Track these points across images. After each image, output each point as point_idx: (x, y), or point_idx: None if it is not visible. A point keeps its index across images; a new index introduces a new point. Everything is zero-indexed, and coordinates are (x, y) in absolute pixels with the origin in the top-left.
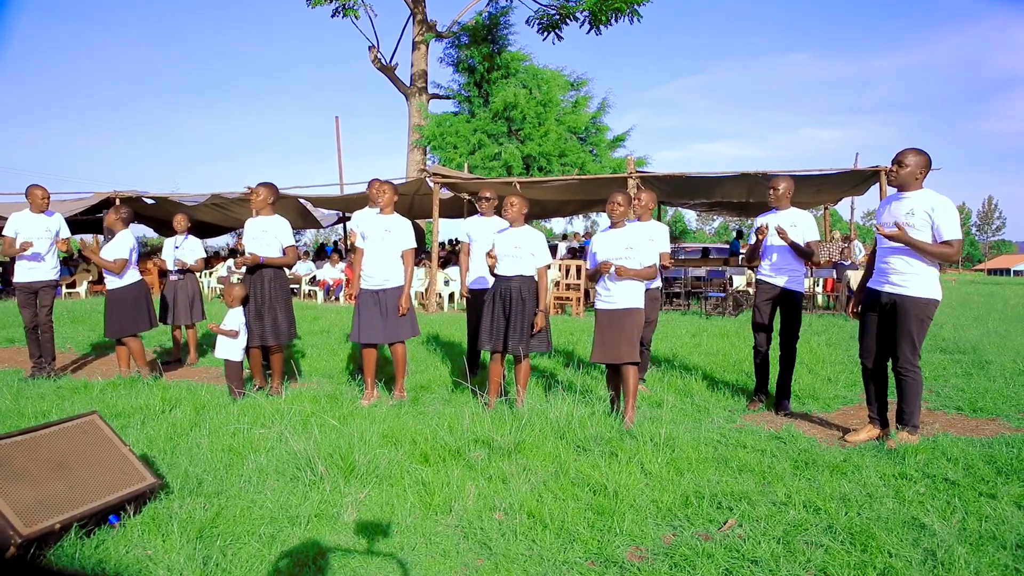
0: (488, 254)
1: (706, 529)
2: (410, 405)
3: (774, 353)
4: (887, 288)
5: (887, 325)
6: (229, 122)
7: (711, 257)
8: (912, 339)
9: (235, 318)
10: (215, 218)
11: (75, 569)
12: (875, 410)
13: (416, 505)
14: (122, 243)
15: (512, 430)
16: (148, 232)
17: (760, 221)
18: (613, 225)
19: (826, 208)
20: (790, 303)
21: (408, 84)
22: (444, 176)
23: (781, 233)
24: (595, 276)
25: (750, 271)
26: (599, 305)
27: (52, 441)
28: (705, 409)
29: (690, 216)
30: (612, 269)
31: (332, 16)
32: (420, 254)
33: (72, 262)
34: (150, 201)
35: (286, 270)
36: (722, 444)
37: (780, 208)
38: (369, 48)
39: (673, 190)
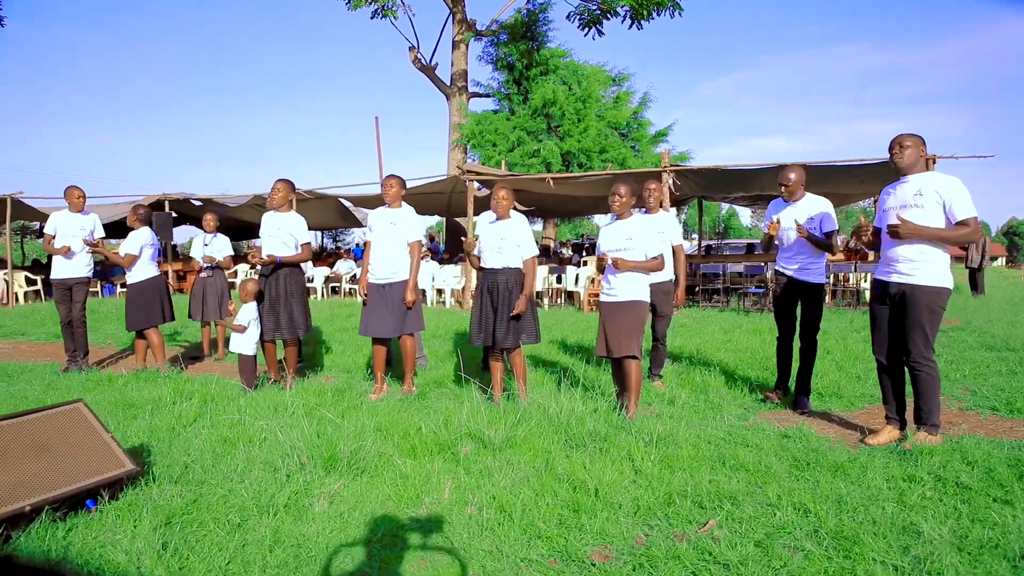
0: (467, 250)
1: (684, 530)
2: (417, 399)
3: (797, 347)
4: (895, 278)
5: (898, 317)
6: (271, 125)
7: (756, 253)
8: (924, 331)
9: (247, 313)
10: (258, 218)
11: (41, 561)
12: (892, 409)
13: (390, 497)
14: (134, 240)
15: (507, 425)
16: (198, 233)
17: (775, 216)
18: (618, 217)
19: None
20: (809, 296)
21: (448, 83)
22: (478, 173)
23: (800, 231)
24: (601, 269)
25: None
26: (602, 298)
27: (35, 427)
28: (719, 406)
29: (744, 212)
30: (610, 261)
31: (371, 17)
32: (460, 252)
33: None
34: (197, 203)
35: (305, 266)
36: (726, 442)
37: (794, 200)
38: (409, 48)
39: (709, 184)
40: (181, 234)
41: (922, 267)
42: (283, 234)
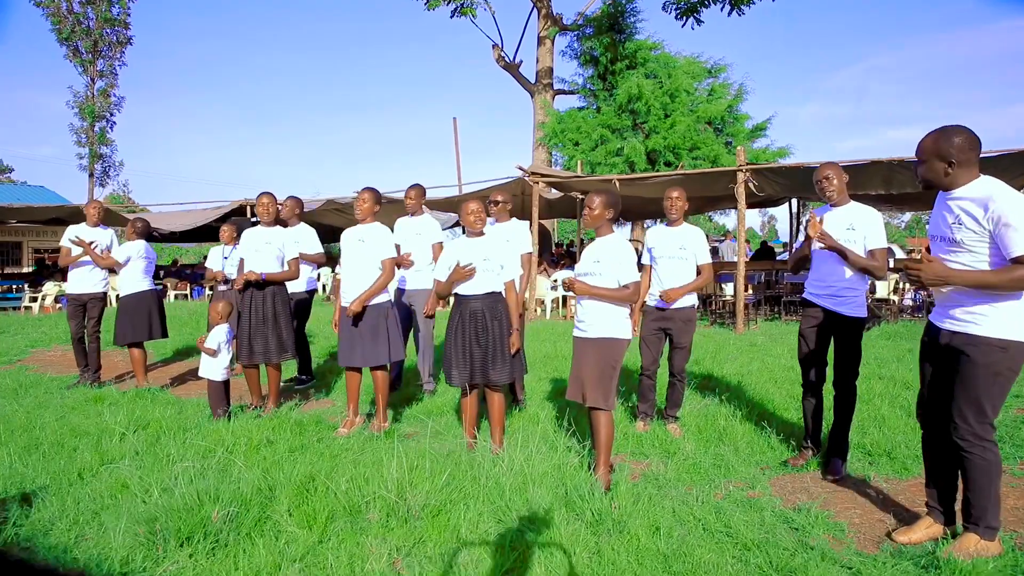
0: (463, 276)
1: None
2: (382, 438)
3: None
4: (948, 325)
5: (945, 377)
6: (351, 127)
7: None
8: (979, 400)
9: (217, 336)
10: (335, 221)
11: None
12: (935, 497)
13: None
14: (123, 250)
15: (435, 486)
16: None
17: (818, 216)
18: (597, 232)
19: None
20: (844, 332)
21: (533, 81)
22: (542, 175)
23: (825, 239)
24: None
25: (894, 276)
26: (574, 332)
27: None
28: (729, 464)
29: None
30: (569, 285)
31: (451, 17)
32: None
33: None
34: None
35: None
36: (697, 528)
37: (835, 204)
38: (493, 47)
39: (794, 184)
40: None
41: (989, 312)
42: (271, 249)
